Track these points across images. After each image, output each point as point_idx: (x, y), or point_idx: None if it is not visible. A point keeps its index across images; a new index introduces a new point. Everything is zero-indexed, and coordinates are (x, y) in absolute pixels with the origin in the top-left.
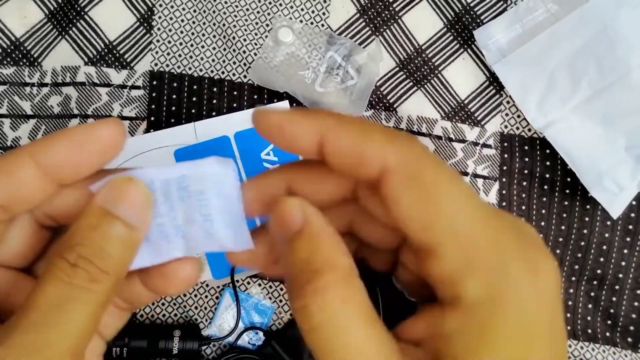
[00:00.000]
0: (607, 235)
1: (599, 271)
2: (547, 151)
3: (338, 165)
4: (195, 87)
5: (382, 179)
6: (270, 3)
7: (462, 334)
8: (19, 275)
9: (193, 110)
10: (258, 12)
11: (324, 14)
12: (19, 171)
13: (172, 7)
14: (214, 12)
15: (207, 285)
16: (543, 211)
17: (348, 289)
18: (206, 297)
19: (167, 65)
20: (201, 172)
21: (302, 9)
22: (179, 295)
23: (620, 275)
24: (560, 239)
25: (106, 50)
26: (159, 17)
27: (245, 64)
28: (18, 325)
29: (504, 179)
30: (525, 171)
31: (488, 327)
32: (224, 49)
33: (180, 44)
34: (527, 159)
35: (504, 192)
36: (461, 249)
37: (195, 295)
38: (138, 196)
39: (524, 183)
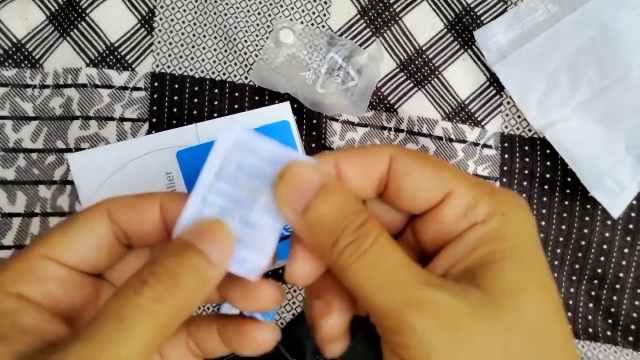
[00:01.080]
0: (607, 234)
1: (599, 270)
2: (548, 151)
3: (355, 177)
4: (196, 88)
5: (391, 166)
6: (271, 4)
7: (485, 242)
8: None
9: (194, 112)
10: (259, 13)
11: (324, 15)
12: (149, 211)
13: (173, 8)
14: (215, 13)
15: None
16: (543, 211)
17: (380, 224)
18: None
19: (169, 67)
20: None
21: (303, 10)
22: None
23: (621, 275)
24: (561, 239)
25: (107, 51)
26: (160, 19)
27: (246, 65)
28: (78, 335)
29: (504, 179)
30: (526, 171)
31: (500, 230)
32: (225, 51)
33: (182, 45)
34: (527, 159)
35: None
36: (468, 188)
37: None
38: (222, 236)
39: (525, 183)
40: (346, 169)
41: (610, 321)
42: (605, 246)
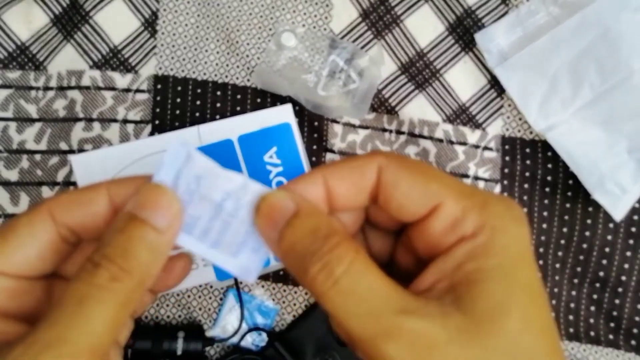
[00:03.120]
0: (609, 237)
1: (601, 274)
2: (549, 154)
3: (346, 194)
4: (199, 90)
5: (379, 178)
6: (273, 8)
7: (471, 258)
8: (52, 282)
9: (197, 114)
10: (261, 16)
11: (326, 18)
12: (95, 204)
13: (176, 11)
14: (217, 16)
15: (210, 287)
16: (545, 214)
17: (356, 245)
18: (210, 298)
19: (172, 69)
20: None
21: (305, 13)
22: (176, 289)
23: (623, 278)
24: (562, 242)
25: (111, 54)
26: (163, 22)
27: (248, 68)
28: (39, 324)
29: (505, 182)
30: (527, 174)
31: (488, 246)
32: (228, 53)
33: (184, 48)
34: (528, 162)
35: (505, 194)
36: (457, 200)
37: (199, 297)
38: (165, 201)
39: (526, 186)
40: (335, 186)
41: (612, 325)
42: (607, 249)
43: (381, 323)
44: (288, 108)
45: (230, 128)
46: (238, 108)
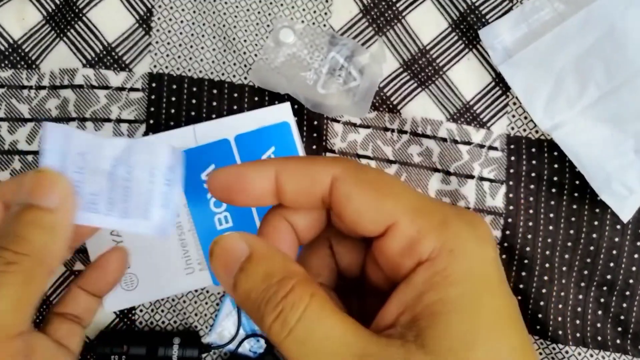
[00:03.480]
0: (617, 239)
1: (609, 277)
2: (555, 153)
3: (295, 195)
4: (195, 89)
5: (332, 190)
6: (271, 3)
7: (432, 286)
8: None
9: (193, 113)
10: (259, 12)
11: (325, 14)
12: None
13: (171, 8)
14: (213, 13)
15: (207, 292)
16: (551, 215)
17: (312, 287)
18: (206, 303)
19: (167, 67)
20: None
21: (304, 9)
22: (170, 293)
23: (631, 281)
24: (569, 244)
25: (105, 52)
26: (158, 19)
27: (245, 66)
28: None
29: (511, 182)
30: (533, 174)
31: (448, 272)
32: (224, 51)
33: (180, 45)
34: (534, 162)
35: (511, 195)
36: (413, 220)
37: (195, 302)
38: (49, 181)
39: (532, 186)
40: (285, 183)
41: (619, 329)
42: (614, 252)
43: None
44: (287, 107)
45: (227, 127)
46: (235, 107)
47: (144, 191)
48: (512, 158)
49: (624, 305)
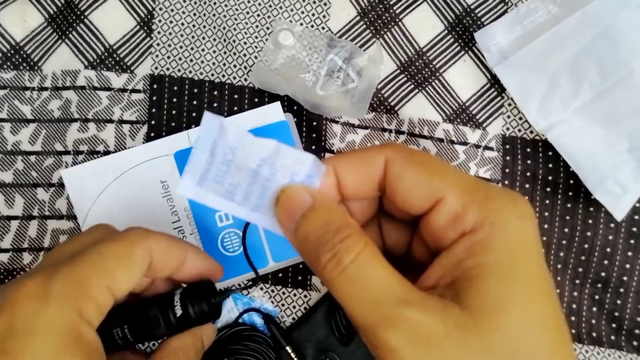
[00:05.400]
0: (610, 237)
1: (603, 274)
2: (550, 153)
3: (355, 184)
4: (195, 90)
5: (385, 171)
6: (270, 6)
7: (471, 254)
8: None
9: (193, 114)
10: (258, 15)
11: (324, 16)
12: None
13: (172, 10)
14: (214, 15)
15: None
16: (546, 214)
17: (366, 238)
18: None
19: (168, 69)
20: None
21: (303, 12)
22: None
23: (625, 278)
24: (564, 242)
25: (106, 54)
26: (159, 21)
27: (245, 67)
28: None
29: (506, 182)
30: (528, 173)
31: (488, 242)
32: (224, 52)
33: (181, 47)
34: (529, 161)
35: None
36: (458, 195)
37: None
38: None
39: (527, 185)
40: (344, 176)
41: (614, 325)
42: (608, 249)
43: (382, 311)
44: (277, 106)
45: None
46: (235, 108)
47: None
48: (508, 158)
49: (618, 302)
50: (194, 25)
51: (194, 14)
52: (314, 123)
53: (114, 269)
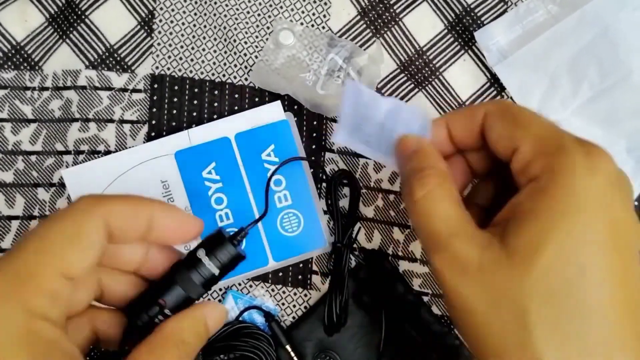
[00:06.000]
0: None
1: None
2: None
3: (462, 134)
4: (196, 90)
5: (483, 123)
6: (270, 6)
7: (529, 198)
8: None
9: (194, 114)
10: (259, 14)
11: (324, 16)
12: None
13: (172, 10)
14: (214, 15)
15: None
16: None
17: (442, 179)
18: (210, 299)
19: (168, 69)
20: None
21: (303, 12)
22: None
23: None
24: None
25: (107, 53)
26: (160, 21)
27: (246, 67)
28: None
29: None
30: None
31: (546, 189)
32: (225, 52)
33: (181, 47)
34: None
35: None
36: (533, 145)
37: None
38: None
39: None
40: (453, 127)
41: None
42: None
43: (436, 240)
44: (277, 105)
45: (221, 129)
46: (236, 107)
47: None
48: None
49: None
50: (194, 25)
51: (195, 14)
52: (314, 122)
53: (62, 251)
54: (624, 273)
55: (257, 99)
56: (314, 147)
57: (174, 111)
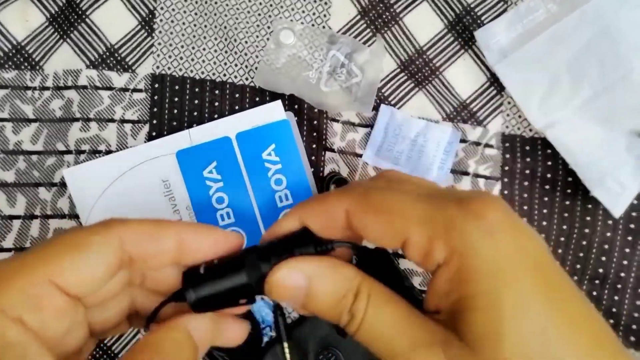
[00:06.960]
0: (608, 234)
1: (600, 270)
2: (549, 151)
3: (324, 231)
4: (197, 89)
5: (348, 221)
6: (271, 5)
7: (453, 286)
8: None
9: (195, 113)
10: (259, 14)
11: (324, 16)
12: (166, 241)
13: (173, 10)
14: (215, 14)
15: None
16: (544, 211)
17: (368, 289)
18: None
19: (169, 68)
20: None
21: (303, 11)
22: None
23: (622, 274)
24: (562, 239)
25: (108, 53)
26: (160, 20)
27: (246, 66)
28: None
29: (505, 179)
30: (527, 171)
31: (462, 274)
32: (225, 52)
33: (182, 46)
34: (528, 159)
35: (505, 192)
36: (421, 231)
37: None
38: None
39: (526, 183)
40: (311, 223)
41: (612, 321)
42: (606, 246)
43: (396, 356)
44: (278, 105)
45: (222, 129)
46: (236, 107)
47: (431, 156)
48: (507, 156)
49: (616, 298)
50: (195, 25)
51: (195, 14)
52: (315, 122)
53: (57, 258)
54: (586, 313)
55: (257, 99)
56: (314, 146)
57: (175, 111)
